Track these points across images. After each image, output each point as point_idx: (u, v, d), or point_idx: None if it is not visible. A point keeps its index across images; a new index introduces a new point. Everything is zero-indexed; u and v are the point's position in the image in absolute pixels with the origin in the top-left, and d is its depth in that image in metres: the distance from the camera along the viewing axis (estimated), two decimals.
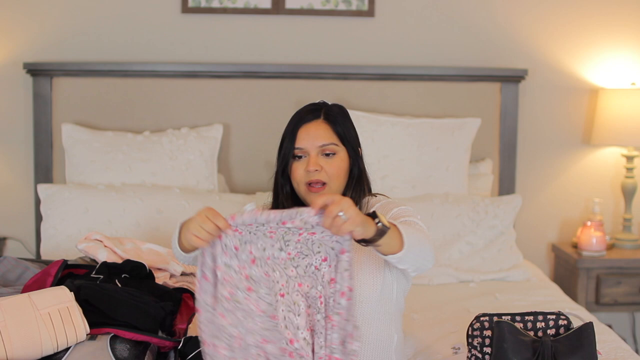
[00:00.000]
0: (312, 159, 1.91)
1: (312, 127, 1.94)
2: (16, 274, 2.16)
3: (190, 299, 2.09)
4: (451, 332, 2.36)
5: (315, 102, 2.01)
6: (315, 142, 1.92)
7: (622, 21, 3.53)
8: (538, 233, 3.60)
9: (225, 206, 3.04)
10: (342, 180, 1.94)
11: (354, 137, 1.99)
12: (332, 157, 1.93)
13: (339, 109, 2.00)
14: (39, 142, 3.28)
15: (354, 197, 1.96)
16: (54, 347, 1.73)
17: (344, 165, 1.94)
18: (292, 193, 1.99)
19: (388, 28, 3.45)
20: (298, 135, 1.93)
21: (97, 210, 2.93)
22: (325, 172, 1.91)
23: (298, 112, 1.99)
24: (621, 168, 3.53)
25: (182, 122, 3.31)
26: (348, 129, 1.97)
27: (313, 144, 1.92)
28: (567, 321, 1.91)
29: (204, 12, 3.36)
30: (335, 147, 1.93)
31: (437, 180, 3.20)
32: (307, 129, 1.94)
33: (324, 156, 1.92)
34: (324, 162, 1.92)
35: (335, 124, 1.95)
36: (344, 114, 2.00)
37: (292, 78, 3.36)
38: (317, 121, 1.95)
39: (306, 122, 1.95)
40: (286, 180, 1.98)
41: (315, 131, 1.93)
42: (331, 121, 1.95)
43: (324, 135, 1.93)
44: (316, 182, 1.91)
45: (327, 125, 1.94)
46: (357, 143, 2.00)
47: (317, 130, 1.93)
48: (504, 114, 3.45)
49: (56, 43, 3.34)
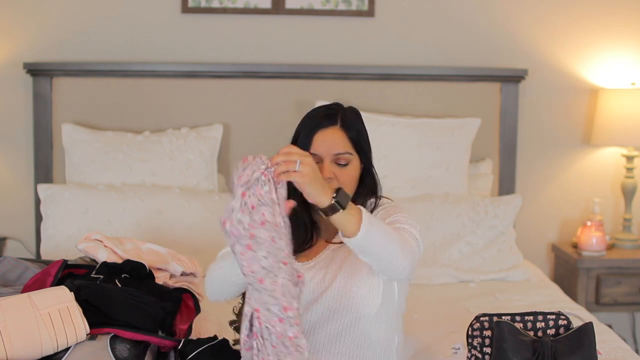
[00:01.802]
0: (326, 167, 1.88)
1: (328, 134, 1.90)
2: (16, 274, 2.16)
3: (190, 299, 2.09)
4: (451, 332, 2.36)
5: (331, 106, 1.96)
6: (331, 150, 1.89)
7: (622, 21, 3.53)
8: (538, 233, 3.60)
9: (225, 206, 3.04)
10: (353, 189, 1.93)
11: (368, 142, 1.95)
12: (346, 167, 1.90)
13: (355, 114, 1.96)
14: (39, 142, 3.28)
15: (364, 203, 1.93)
16: (54, 347, 1.73)
17: (356, 173, 1.92)
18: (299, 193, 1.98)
19: (388, 28, 3.45)
20: (314, 140, 1.89)
21: (97, 210, 2.93)
22: (338, 181, 1.89)
23: (313, 116, 1.94)
24: (621, 168, 3.53)
25: (182, 122, 3.31)
26: (362, 134, 1.94)
27: (328, 152, 1.89)
28: (567, 321, 1.91)
29: (204, 12, 3.36)
30: (349, 157, 1.90)
31: (437, 180, 3.20)
32: (324, 135, 1.89)
33: (337, 165, 1.89)
34: (338, 170, 1.89)
35: (350, 131, 1.91)
36: (359, 118, 1.96)
37: (292, 78, 3.36)
38: (333, 127, 1.90)
39: (322, 128, 1.90)
40: None
41: (332, 138, 1.89)
42: (347, 128, 1.91)
43: (340, 143, 1.89)
44: None
45: (343, 133, 1.90)
46: (370, 148, 1.97)
47: (334, 138, 1.89)
48: (504, 114, 3.45)
49: (56, 43, 3.34)
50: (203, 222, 2.97)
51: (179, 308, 2.02)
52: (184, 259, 2.34)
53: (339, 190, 1.65)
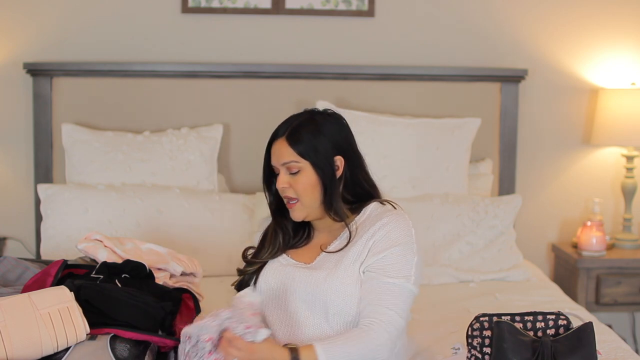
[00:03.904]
0: (281, 177, 1.95)
1: (276, 145, 1.96)
2: (16, 274, 2.16)
3: (190, 299, 2.09)
4: (451, 332, 2.36)
5: (297, 113, 2.01)
6: (279, 160, 1.95)
7: (622, 21, 3.53)
8: (538, 233, 3.60)
9: (225, 206, 3.04)
10: (312, 195, 1.94)
11: (325, 150, 1.94)
12: (297, 175, 1.94)
13: (312, 123, 1.95)
14: (39, 142, 3.28)
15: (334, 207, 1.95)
16: (54, 347, 1.73)
17: (310, 180, 1.94)
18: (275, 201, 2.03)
19: (388, 28, 3.45)
20: (271, 152, 1.98)
21: (97, 210, 2.93)
22: (293, 189, 1.94)
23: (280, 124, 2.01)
24: (621, 168, 3.53)
25: (182, 122, 3.31)
26: (312, 144, 1.93)
27: (278, 162, 1.95)
28: (567, 321, 1.91)
29: (204, 12, 3.36)
30: (297, 165, 1.93)
31: (437, 180, 3.20)
32: (275, 146, 1.97)
33: (290, 174, 1.94)
34: (291, 179, 1.94)
35: (295, 143, 1.93)
36: (318, 126, 1.95)
37: (292, 78, 3.36)
38: (281, 139, 1.95)
39: (275, 139, 1.97)
40: (271, 193, 2.03)
41: (278, 150, 1.95)
42: (291, 140, 1.93)
43: (284, 153, 1.94)
44: (288, 199, 1.96)
45: (287, 143, 1.94)
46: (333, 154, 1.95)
47: (280, 149, 1.95)
48: (504, 114, 3.45)
49: (56, 43, 3.34)
50: (203, 222, 2.98)
51: (179, 308, 2.02)
52: (184, 259, 2.34)
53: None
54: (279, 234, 2.02)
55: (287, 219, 2.02)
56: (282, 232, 2.02)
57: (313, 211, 1.97)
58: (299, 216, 1.97)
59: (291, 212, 1.97)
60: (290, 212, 1.97)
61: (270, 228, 2.05)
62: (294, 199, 1.95)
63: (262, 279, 1.99)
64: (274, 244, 2.02)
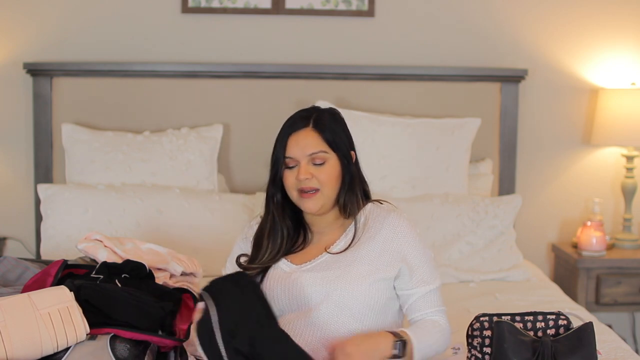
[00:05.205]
0: (303, 168, 1.91)
1: (301, 136, 1.92)
2: (16, 274, 2.16)
3: (190, 299, 2.09)
4: (451, 332, 2.35)
5: (307, 108, 1.99)
6: (305, 150, 1.91)
7: (622, 21, 3.53)
8: (538, 233, 3.60)
9: (225, 206, 3.04)
10: (334, 186, 1.94)
11: (346, 142, 1.96)
12: (322, 165, 1.92)
13: (331, 114, 1.98)
14: (39, 142, 3.28)
15: (347, 202, 1.96)
16: (54, 347, 1.73)
17: (335, 171, 1.93)
18: (283, 201, 1.98)
19: (388, 28, 3.45)
20: (288, 143, 1.93)
21: (97, 210, 2.93)
22: (317, 179, 1.91)
23: (289, 119, 1.97)
24: (621, 168, 3.53)
25: (182, 122, 3.31)
26: (339, 134, 1.95)
27: (303, 153, 1.91)
28: (567, 321, 1.91)
29: (204, 12, 3.36)
30: (324, 155, 1.92)
31: (437, 180, 3.20)
32: (297, 137, 1.92)
33: (314, 165, 1.92)
34: (315, 170, 1.91)
35: (324, 131, 1.93)
36: (336, 119, 1.97)
37: (292, 78, 3.36)
38: (306, 129, 1.93)
39: (296, 130, 1.93)
40: (277, 188, 1.97)
41: (304, 140, 1.92)
42: (320, 129, 1.93)
43: (313, 143, 1.91)
44: (309, 189, 1.92)
45: (316, 133, 1.92)
46: (350, 148, 1.98)
47: (306, 139, 1.92)
48: (504, 114, 3.45)
49: (56, 43, 3.34)
50: (203, 222, 2.98)
51: (179, 308, 2.02)
52: (184, 259, 2.34)
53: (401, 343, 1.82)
54: (279, 234, 1.98)
55: (289, 218, 1.99)
56: (282, 232, 1.99)
57: (328, 202, 1.94)
58: (314, 206, 1.92)
59: (306, 203, 1.92)
60: (305, 203, 1.92)
61: (267, 229, 1.99)
62: (315, 189, 1.91)
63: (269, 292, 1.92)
64: (273, 244, 1.97)
